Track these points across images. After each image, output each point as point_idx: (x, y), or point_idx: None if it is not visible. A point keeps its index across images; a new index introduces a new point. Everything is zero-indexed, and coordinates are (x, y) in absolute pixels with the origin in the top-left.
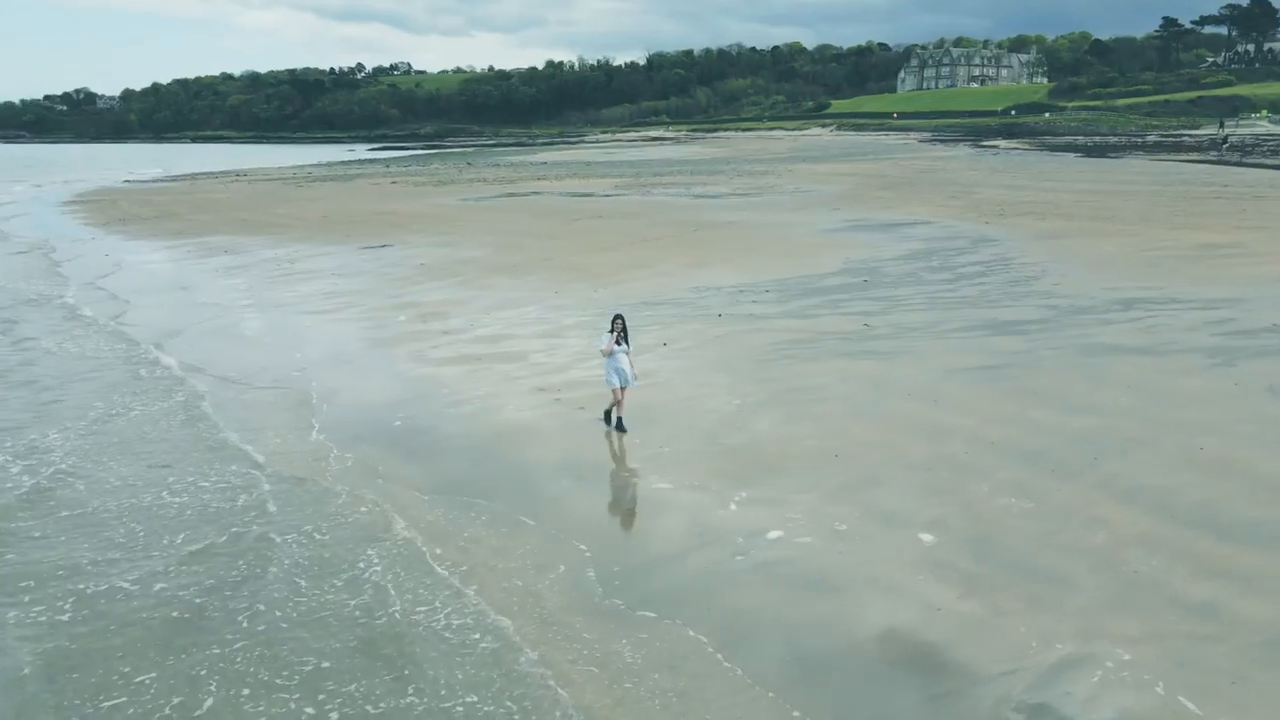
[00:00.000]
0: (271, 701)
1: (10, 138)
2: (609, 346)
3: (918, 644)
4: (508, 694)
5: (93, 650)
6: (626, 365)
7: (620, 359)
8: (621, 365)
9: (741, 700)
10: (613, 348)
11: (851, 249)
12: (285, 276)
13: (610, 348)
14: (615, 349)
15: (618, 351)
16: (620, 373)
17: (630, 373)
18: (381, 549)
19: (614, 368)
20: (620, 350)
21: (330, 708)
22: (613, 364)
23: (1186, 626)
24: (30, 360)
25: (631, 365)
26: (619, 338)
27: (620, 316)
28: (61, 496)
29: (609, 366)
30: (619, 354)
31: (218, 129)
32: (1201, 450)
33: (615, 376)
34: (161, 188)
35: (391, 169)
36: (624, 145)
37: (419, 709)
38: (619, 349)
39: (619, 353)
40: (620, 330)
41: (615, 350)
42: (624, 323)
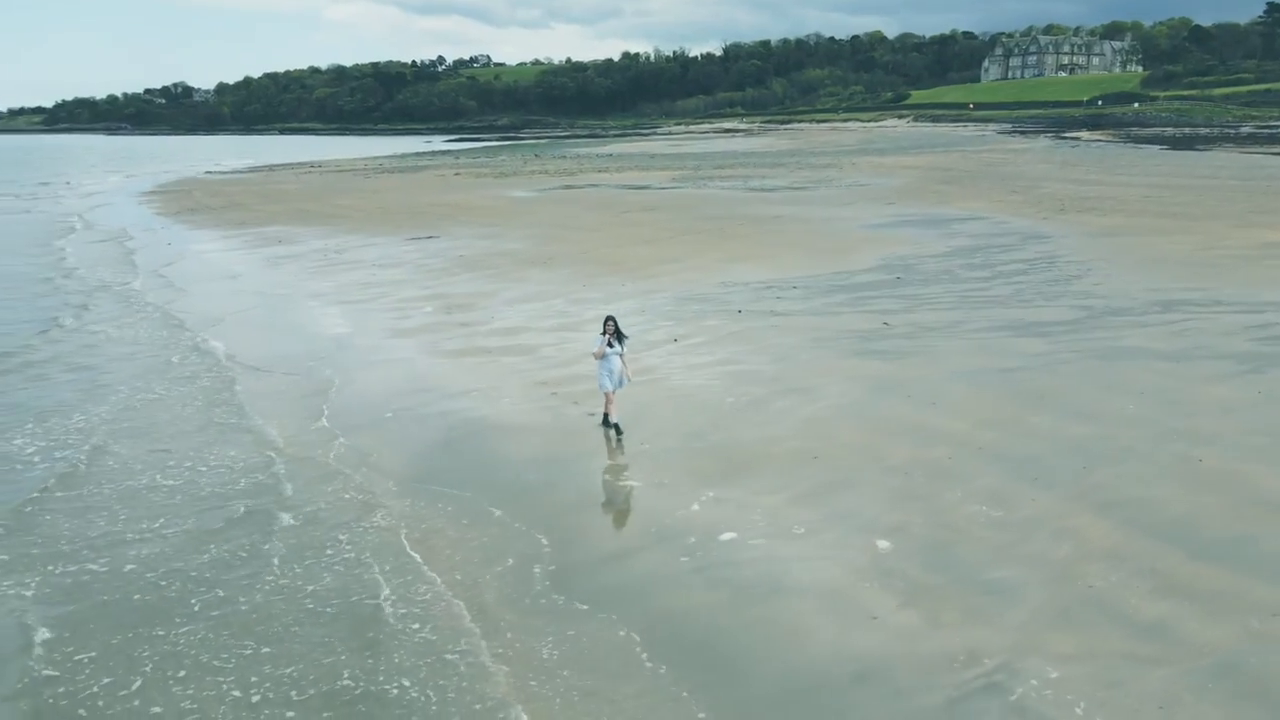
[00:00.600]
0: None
1: (113, 130)
2: (601, 349)
3: (842, 654)
4: (430, 683)
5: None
6: (619, 367)
7: (613, 361)
8: (613, 367)
9: (650, 701)
10: (605, 350)
11: (893, 245)
12: (329, 267)
13: (602, 350)
14: (608, 351)
15: (610, 353)
16: (612, 375)
17: (624, 374)
18: (353, 534)
19: (606, 370)
20: (613, 352)
21: (289, 684)
22: (605, 366)
23: (1127, 646)
24: (91, 344)
25: (625, 365)
26: (611, 339)
27: (612, 318)
28: (96, 471)
29: (601, 369)
30: (611, 356)
31: (304, 121)
32: (1201, 462)
33: (607, 379)
34: (238, 179)
35: (460, 160)
36: (695, 137)
37: (356, 690)
38: (611, 351)
39: (611, 354)
40: (613, 332)
41: (608, 352)
42: (616, 324)
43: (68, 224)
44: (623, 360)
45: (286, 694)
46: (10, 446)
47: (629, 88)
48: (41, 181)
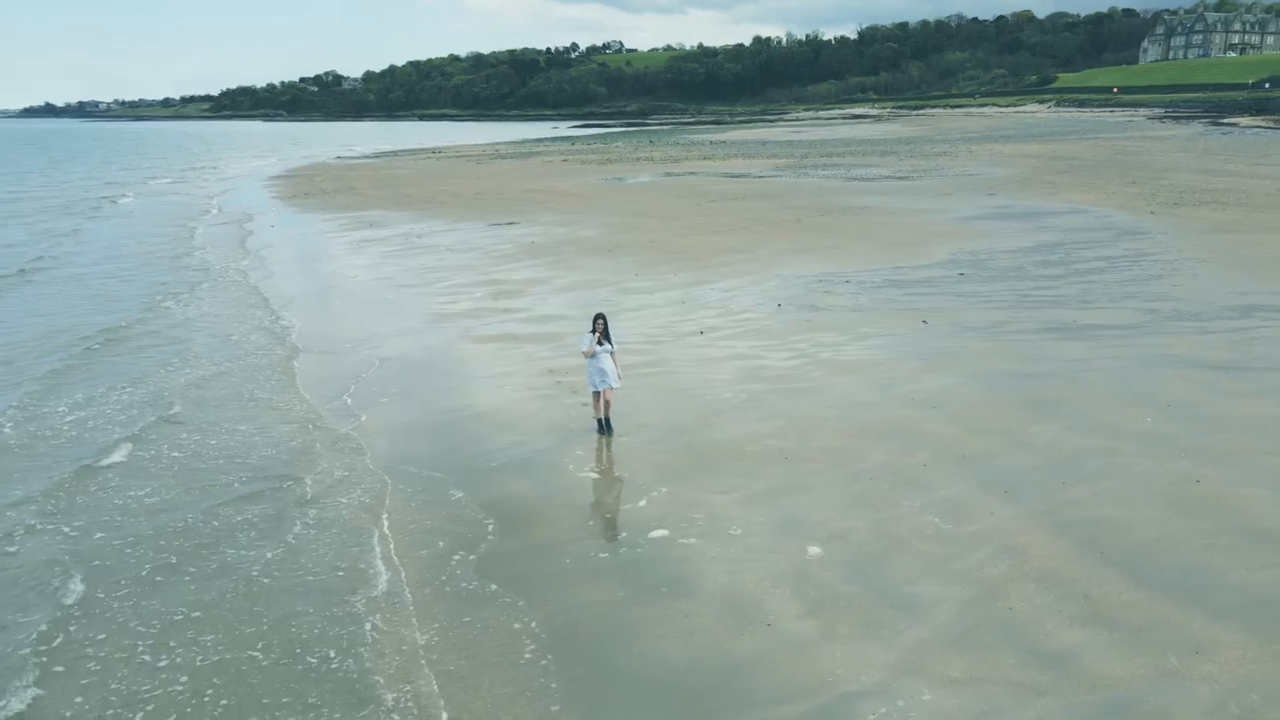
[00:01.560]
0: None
1: (270, 116)
2: (590, 348)
3: (721, 659)
4: (342, 657)
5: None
6: (608, 366)
7: (603, 359)
8: (603, 366)
9: (513, 690)
10: (594, 349)
11: (972, 239)
12: (405, 251)
13: (592, 349)
14: (597, 349)
15: (600, 352)
16: (601, 374)
17: (613, 373)
18: (323, 508)
19: (595, 369)
20: (603, 351)
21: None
22: (594, 365)
23: (1019, 674)
24: (191, 319)
25: (616, 364)
26: (600, 338)
27: (601, 316)
28: (161, 435)
29: (590, 368)
30: (601, 354)
31: (442, 108)
32: (1197, 484)
33: (596, 378)
34: (361, 164)
35: (575, 146)
36: (820, 123)
37: (264, 663)
38: (601, 349)
39: (601, 353)
40: (602, 330)
41: (597, 351)
42: (605, 323)
43: (204, 206)
44: (613, 359)
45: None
46: (97, 408)
47: (759, 73)
48: (194, 166)
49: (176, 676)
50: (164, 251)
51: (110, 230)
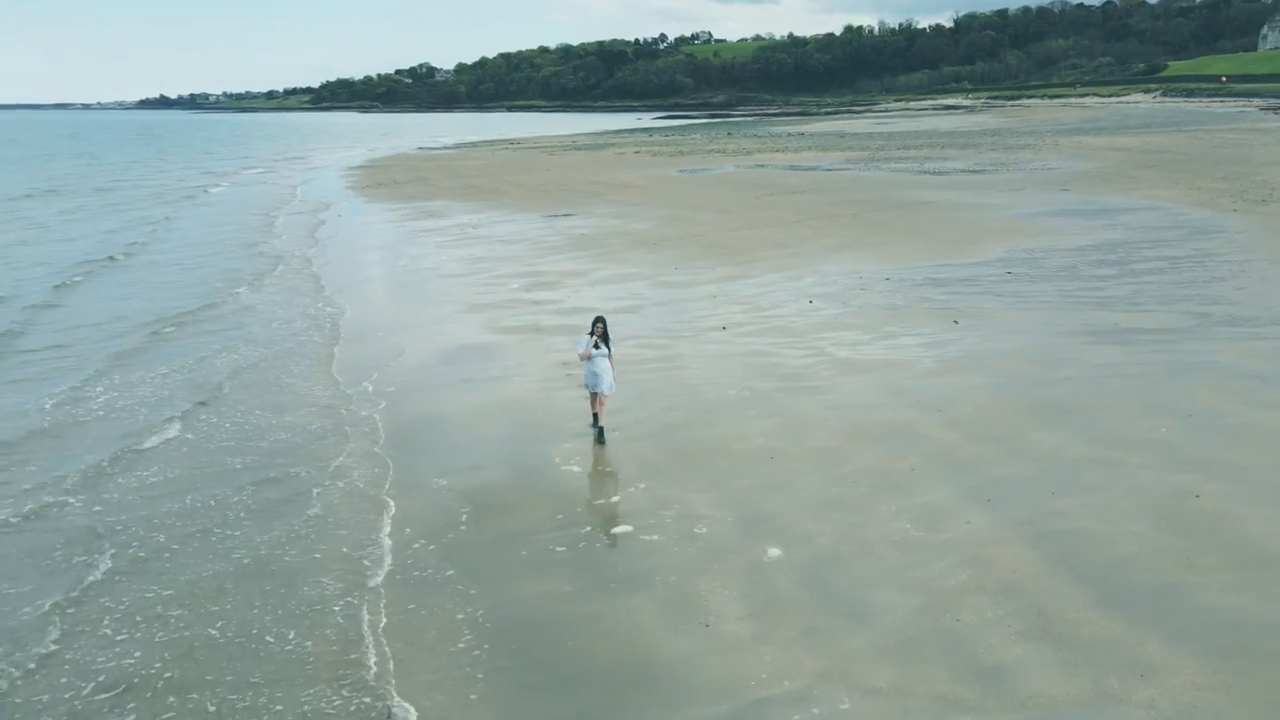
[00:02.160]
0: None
1: (366, 108)
2: (587, 350)
3: (651, 656)
4: (303, 638)
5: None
6: (605, 370)
7: (599, 363)
8: (599, 369)
9: (435, 679)
10: (590, 351)
11: (1030, 236)
12: (458, 241)
13: (588, 351)
14: (594, 353)
15: (596, 355)
16: (597, 377)
17: (609, 378)
18: (324, 490)
19: (591, 371)
20: (600, 354)
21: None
22: (590, 368)
23: (947, 688)
24: (254, 304)
25: (613, 369)
26: (598, 341)
27: (600, 319)
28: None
29: (587, 370)
30: (598, 358)
31: (530, 99)
32: (1196, 499)
33: (592, 380)
34: (439, 155)
35: (653, 138)
36: (908, 114)
37: (220, 640)
38: (598, 353)
39: (598, 356)
40: (600, 334)
41: (594, 354)
42: (605, 326)
43: (287, 195)
44: (611, 363)
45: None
46: (150, 389)
47: (849, 63)
48: (285, 157)
49: (131, 650)
50: (241, 239)
51: (198, 218)
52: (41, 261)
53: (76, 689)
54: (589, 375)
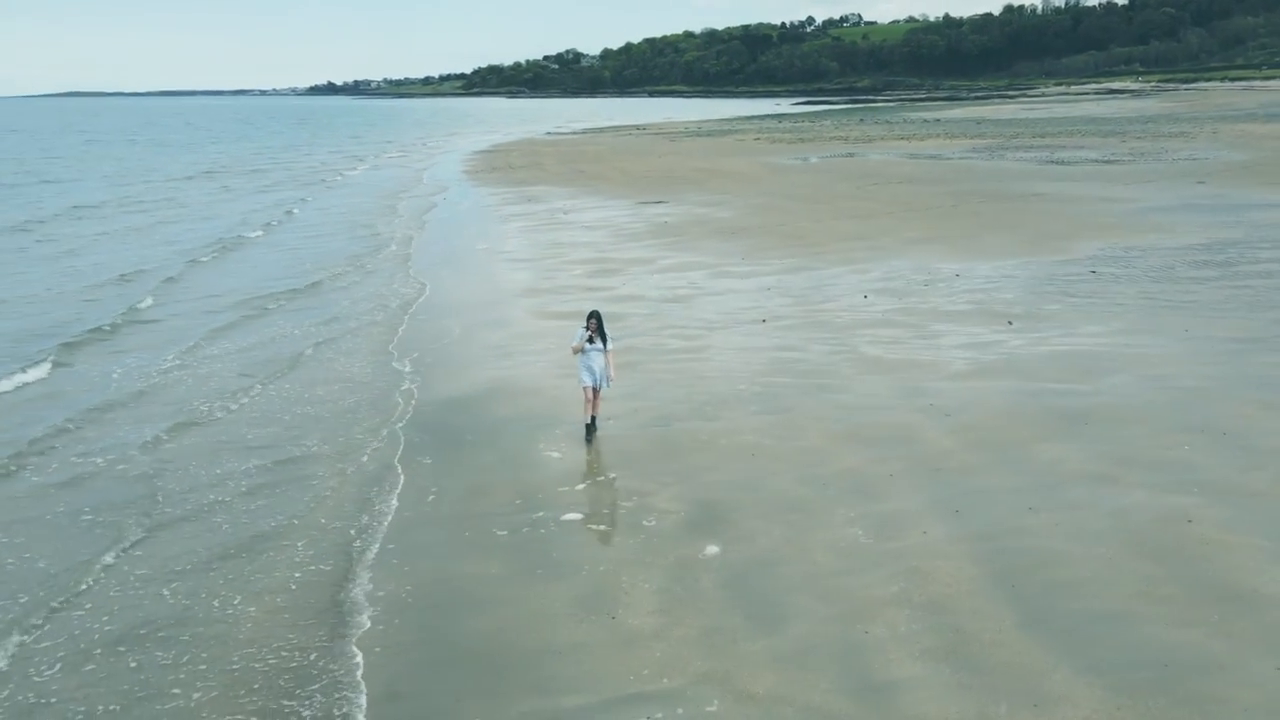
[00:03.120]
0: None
1: (513, 93)
2: (580, 344)
3: (545, 643)
4: (244, 604)
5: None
6: (599, 365)
7: (593, 357)
8: (593, 364)
9: (333, 647)
10: (584, 346)
11: (1136, 233)
12: (544, 226)
13: (581, 345)
14: (587, 347)
15: (590, 350)
16: (591, 371)
17: (604, 373)
18: (336, 466)
19: (585, 365)
20: (594, 349)
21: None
22: (584, 362)
23: (824, 700)
24: (356, 281)
25: (610, 364)
26: (592, 335)
27: (595, 314)
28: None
29: (580, 364)
30: (592, 352)
31: (672, 84)
32: (1187, 524)
33: (586, 375)
34: (563, 140)
35: (781, 124)
36: (1065, 99)
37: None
38: (591, 347)
39: (592, 351)
40: (595, 328)
41: (588, 349)
42: (599, 320)
43: (415, 179)
44: (607, 359)
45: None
46: (235, 360)
47: (1006, 45)
48: (424, 141)
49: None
50: (361, 222)
51: (329, 201)
52: (180, 240)
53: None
54: (584, 369)
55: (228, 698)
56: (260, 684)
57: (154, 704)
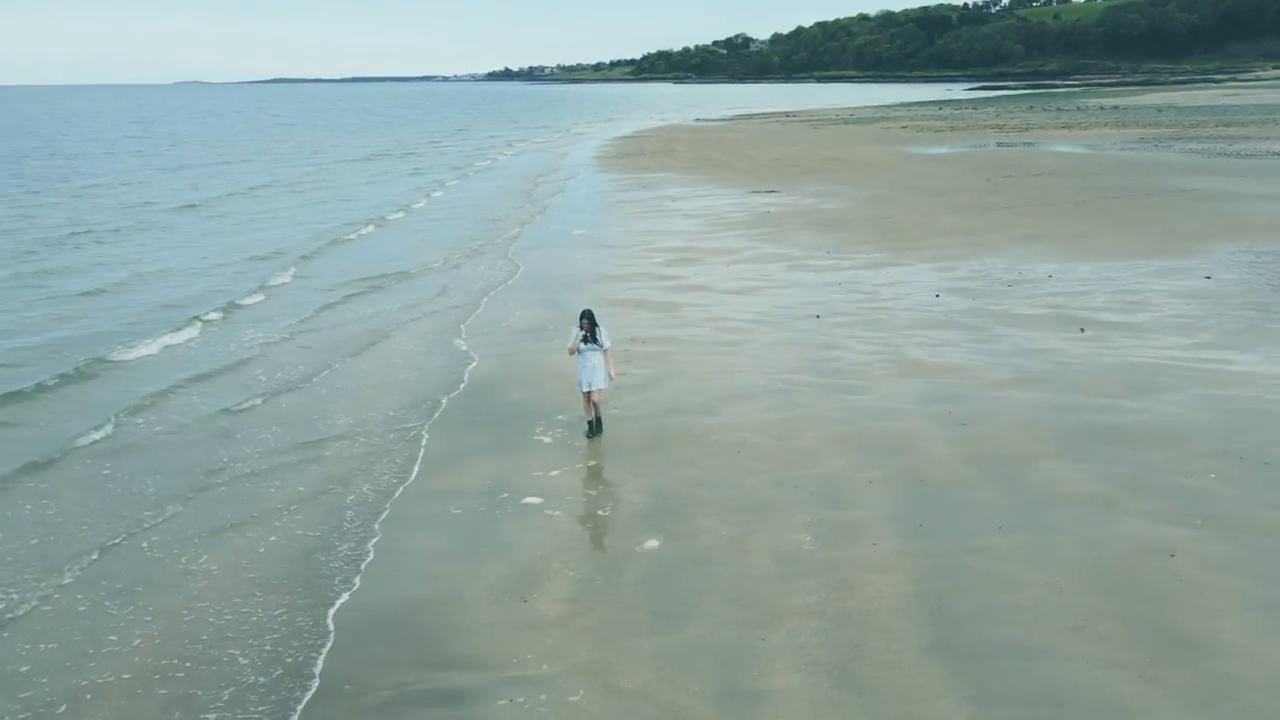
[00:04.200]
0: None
1: (680, 79)
2: (574, 344)
3: (453, 622)
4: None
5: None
6: (594, 365)
7: (589, 358)
8: (589, 364)
9: (271, 602)
10: (579, 346)
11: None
12: (647, 213)
13: (576, 345)
14: (582, 348)
15: (585, 350)
16: (589, 372)
17: (601, 373)
18: (369, 440)
19: (581, 366)
20: (589, 349)
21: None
22: (580, 363)
23: (687, 703)
24: (458, 264)
25: (610, 362)
26: (586, 336)
27: (586, 314)
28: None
29: (578, 365)
30: (586, 353)
31: (843, 69)
32: (1170, 558)
33: (583, 376)
34: (706, 126)
35: (942, 111)
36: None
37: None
38: (585, 348)
39: (587, 351)
40: (587, 329)
41: (582, 349)
42: (591, 321)
43: (553, 163)
44: (606, 358)
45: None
46: (331, 334)
47: (1219, 23)
48: (573, 125)
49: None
50: (490, 206)
51: (472, 185)
52: (326, 220)
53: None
54: (580, 370)
55: (167, 642)
56: (217, 637)
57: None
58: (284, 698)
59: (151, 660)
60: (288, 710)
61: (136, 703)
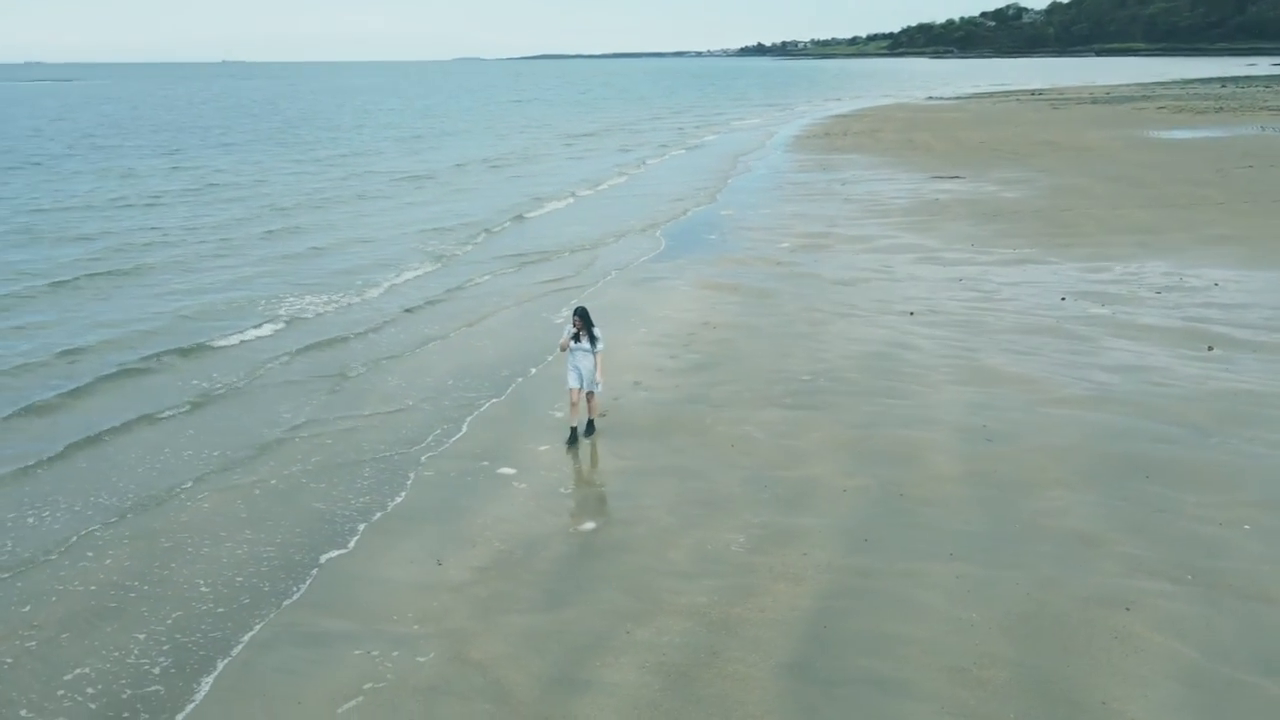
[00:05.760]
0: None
1: (939, 54)
2: (565, 341)
3: (361, 573)
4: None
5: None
6: (585, 365)
7: (579, 357)
8: (578, 364)
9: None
10: (569, 343)
11: None
12: (809, 196)
13: (566, 342)
14: (573, 345)
15: (576, 349)
16: (577, 371)
17: (589, 375)
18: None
19: (572, 366)
20: (579, 348)
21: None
22: (571, 362)
23: (519, 681)
24: (614, 246)
25: (598, 365)
26: (578, 334)
27: (580, 311)
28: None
29: (568, 364)
30: (577, 352)
31: (1128, 41)
32: (1125, 612)
33: (572, 376)
34: (934, 105)
35: (1225, 90)
36: None
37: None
38: (577, 346)
39: (578, 350)
40: (580, 327)
41: (573, 347)
42: (584, 318)
43: (759, 142)
44: (596, 359)
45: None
46: (469, 303)
47: None
48: (800, 103)
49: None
50: (675, 186)
51: (672, 163)
52: (519, 195)
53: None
54: (570, 369)
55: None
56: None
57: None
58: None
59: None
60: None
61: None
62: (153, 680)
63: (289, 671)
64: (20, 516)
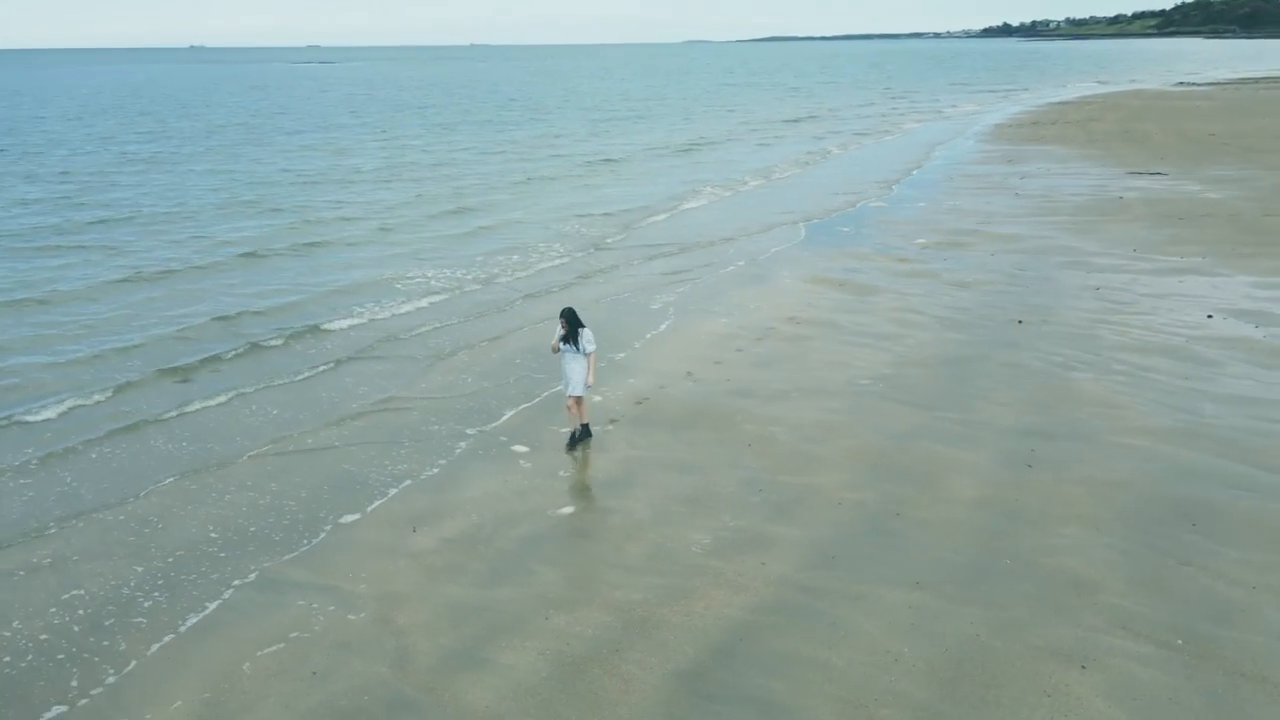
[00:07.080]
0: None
1: (1217, 32)
2: (555, 343)
3: (333, 527)
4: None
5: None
6: (572, 370)
7: (566, 360)
8: (565, 367)
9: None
10: (559, 345)
11: None
12: (977, 189)
13: (556, 344)
14: (562, 348)
15: (565, 352)
16: (565, 376)
17: (578, 379)
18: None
19: (562, 369)
20: (568, 351)
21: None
22: (561, 364)
23: (424, 648)
24: (755, 236)
25: (591, 368)
26: (567, 336)
27: (565, 313)
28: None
29: (561, 367)
30: (566, 354)
31: None
32: (1081, 670)
33: (564, 380)
34: (1181, 93)
35: None
36: None
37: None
38: (566, 349)
39: (566, 353)
40: (566, 329)
41: (562, 349)
42: (570, 321)
43: (959, 130)
44: (589, 361)
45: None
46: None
47: None
48: (1026, 88)
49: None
50: (856, 177)
51: (859, 153)
52: (687, 183)
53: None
54: (562, 372)
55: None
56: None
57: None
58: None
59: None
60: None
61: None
62: (140, 613)
63: (241, 613)
64: (121, 464)
